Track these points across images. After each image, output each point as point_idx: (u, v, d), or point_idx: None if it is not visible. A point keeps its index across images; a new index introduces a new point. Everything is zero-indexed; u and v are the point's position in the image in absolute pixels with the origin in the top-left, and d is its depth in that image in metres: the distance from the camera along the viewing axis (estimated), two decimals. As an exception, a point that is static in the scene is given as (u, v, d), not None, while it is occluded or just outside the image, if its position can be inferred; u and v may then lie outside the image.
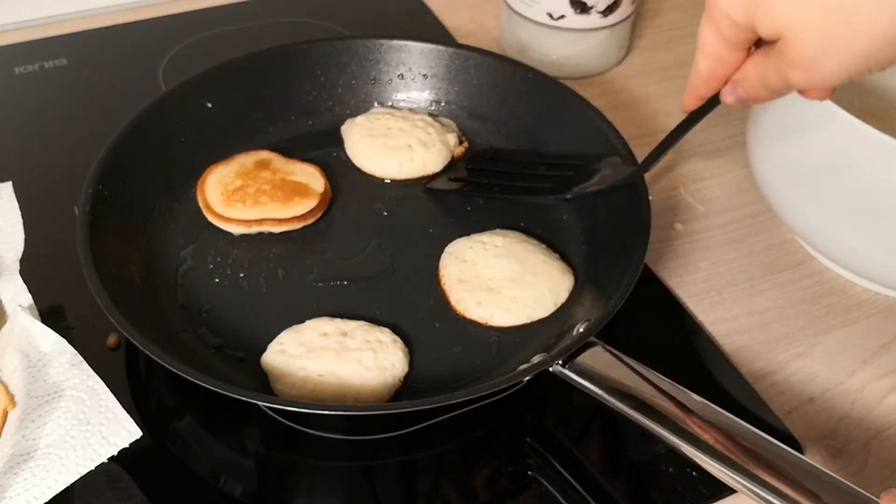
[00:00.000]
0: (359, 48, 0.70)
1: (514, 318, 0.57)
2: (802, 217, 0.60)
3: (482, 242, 0.60)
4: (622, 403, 0.47)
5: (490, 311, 0.57)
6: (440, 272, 0.59)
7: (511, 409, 0.54)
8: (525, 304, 0.57)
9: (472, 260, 0.59)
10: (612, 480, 0.51)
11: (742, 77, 0.46)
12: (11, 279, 0.54)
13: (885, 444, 0.54)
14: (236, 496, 0.50)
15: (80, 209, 0.55)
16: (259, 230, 0.61)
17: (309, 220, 0.62)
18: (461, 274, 0.58)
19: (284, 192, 0.62)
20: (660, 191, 0.70)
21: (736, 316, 0.61)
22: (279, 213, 0.61)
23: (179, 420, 0.53)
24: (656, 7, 0.90)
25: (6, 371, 0.49)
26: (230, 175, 0.63)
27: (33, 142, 0.71)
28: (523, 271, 0.58)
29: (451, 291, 0.58)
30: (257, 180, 0.63)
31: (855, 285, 0.63)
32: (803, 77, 0.42)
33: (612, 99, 0.78)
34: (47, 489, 0.44)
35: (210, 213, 0.61)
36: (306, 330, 0.54)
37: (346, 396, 0.51)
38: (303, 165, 0.65)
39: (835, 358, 0.58)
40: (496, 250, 0.59)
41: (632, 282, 0.52)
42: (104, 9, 0.86)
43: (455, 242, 0.61)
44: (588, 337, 0.49)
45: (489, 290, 0.57)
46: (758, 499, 0.42)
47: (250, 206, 0.61)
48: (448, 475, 0.52)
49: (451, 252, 0.60)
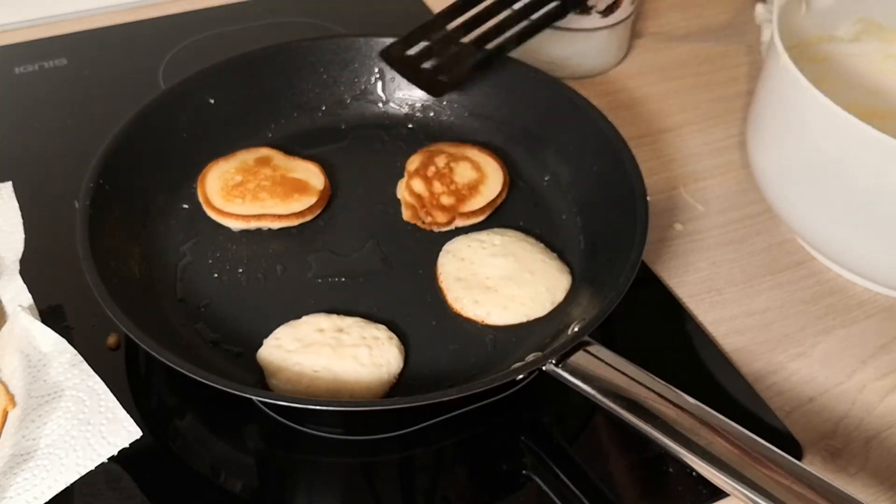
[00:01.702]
0: (361, 46, 0.70)
1: (511, 316, 0.57)
2: (802, 217, 0.60)
3: (480, 241, 0.60)
4: (615, 404, 0.47)
5: (487, 310, 0.57)
6: (438, 270, 0.59)
7: (507, 408, 0.54)
8: (522, 302, 0.57)
9: (469, 258, 0.59)
10: (608, 480, 0.51)
11: None
12: (11, 279, 0.54)
13: (885, 445, 0.54)
14: (236, 495, 0.50)
15: (80, 203, 0.55)
16: (258, 226, 0.61)
17: (307, 217, 0.62)
18: (458, 272, 0.58)
19: (284, 188, 0.63)
20: (660, 191, 0.70)
21: (736, 316, 0.61)
22: (278, 210, 0.62)
23: (179, 419, 0.54)
24: (656, 7, 0.90)
25: (6, 371, 0.49)
26: (231, 171, 0.63)
27: (33, 142, 0.71)
28: (521, 270, 0.58)
29: (449, 289, 0.58)
30: (258, 176, 0.63)
31: (855, 285, 0.63)
32: None
33: (612, 99, 0.78)
34: (47, 489, 0.44)
35: (210, 207, 0.62)
36: (303, 325, 0.54)
37: (340, 392, 0.51)
38: (304, 163, 0.65)
39: (835, 358, 0.58)
40: (494, 249, 0.59)
41: (627, 281, 0.52)
42: (104, 9, 0.86)
43: (453, 241, 0.61)
44: (582, 336, 0.49)
45: (486, 288, 0.57)
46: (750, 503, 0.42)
47: (249, 202, 0.62)
48: (444, 474, 0.52)
49: (449, 250, 0.60)
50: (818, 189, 0.57)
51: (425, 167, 0.65)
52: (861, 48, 0.70)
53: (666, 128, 0.76)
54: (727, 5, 0.90)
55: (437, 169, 0.64)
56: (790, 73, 0.56)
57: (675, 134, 0.75)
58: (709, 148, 0.74)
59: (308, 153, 0.67)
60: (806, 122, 0.57)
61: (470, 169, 0.65)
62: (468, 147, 0.67)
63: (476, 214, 0.63)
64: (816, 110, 0.55)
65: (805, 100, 0.55)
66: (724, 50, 0.85)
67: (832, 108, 0.53)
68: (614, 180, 0.60)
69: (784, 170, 0.60)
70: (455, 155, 0.66)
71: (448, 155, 0.66)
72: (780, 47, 0.58)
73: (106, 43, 0.82)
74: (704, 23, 0.88)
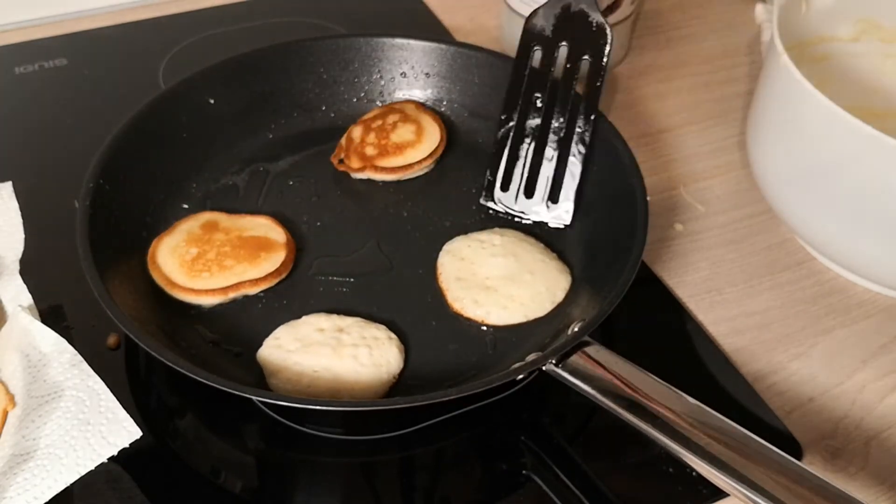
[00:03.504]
0: (362, 46, 0.70)
1: (511, 316, 0.57)
2: (802, 217, 0.60)
3: (480, 241, 0.60)
4: (615, 404, 0.47)
5: (486, 310, 0.57)
6: (438, 270, 0.59)
7: (507, 408, 0.54)
8: (522, 302, 0.57)
9: (469, 258, 0.59)
10: (608, 480, 0.51)
11: None
12: (11, 279, 0.54)
13: (884, 445, 0.54)
14: (236, 495, 0.50)
15: (80, 203, 0.55)
16: (235, 296, 0.57)
17: (283, 274, 0.58)
18: (458, 272, 0.58)
19: (247, 249, 0.58)
20: (660, 191, 0.70)
21: (736, 316, 0.61)
22: (252, 274, 0.57)
23: (179, 419, 0.54)
24: (656, 7, 0.90)
25: (6, 371, 0.49)
26: (181, 244, 0.58)
27: (33, 142, 0.71)
28: (521, 270, 0.58)
29: (448, 289, 0.58)
30: (213, 244, 0.58)
31: (855, 285, 0.63)
32: None
33: (612, 99, 0.78)
34: (47, 489, 0.44)
35: (174, 288, 0.56)
36: (303, 325, 0.54)
37: (340, 392, 0.51)
38: (253, 218, 0.61)
39: (835, 358, 0.58)
40: (494, 249, 0.59)
41: (627, 281, 0.52)
42: (104, 9, 0.86)
43: (453, 241, 0.61)
44: (582, 336, 0.49)
45: (486, 288, 0.57)
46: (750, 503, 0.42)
47: (218, 273, 0.57)
48: (444, 474, 0.52)
49: (449, 250, 0.60)
50: (818, 189, 0.57)
51: (374, 119, 0.67)
52: (861, 48, 0.70)
53: (666, 128, 0.76)
54: (727, 5, 0.90)
55: (382, 123, 0.67)
56: (790, 73, 0.56)
57: (675, 134, 0.75)
58: (709, 148, 0.74)
59: (308, 153, 0.67)
60: (806, 122, 0.57)
61: (412, 132, 0.66)
62: (427, 114, 0.68)
63: (388, 171, 0.65)
64: (816, 110, 0.55)
65: (805, 100, 0.55)
66: (724, 50, 0.85)
67: (832, 108, 0.53)
68: (614, 180, 0.60)
69: (784, 170, 0.60)
70: (409, 117, 0.67)
71: (403, 115, 0.67)
72: (780, 47, 0.58)
73: (106, 43, 0.82)
74: (704, 23, 0.89)
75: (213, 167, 0.66)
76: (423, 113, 0.68)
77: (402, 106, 0.69)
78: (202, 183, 0.65)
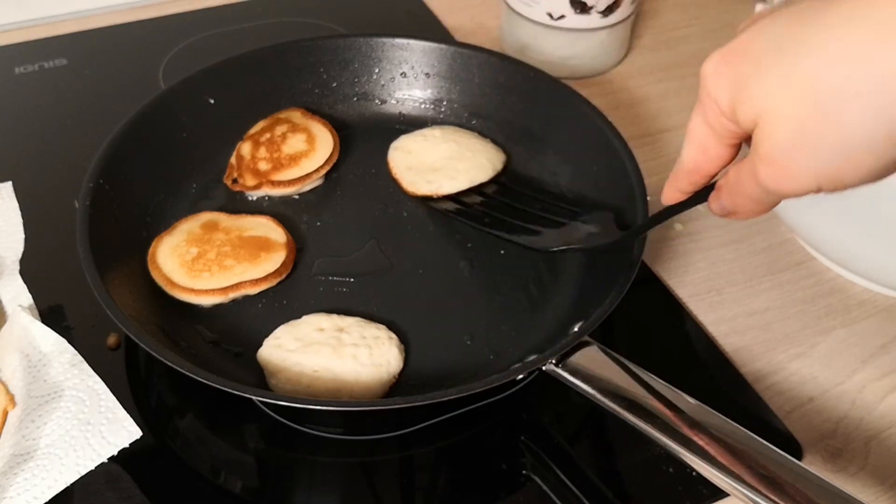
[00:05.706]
0: (361, 46, 0.71)
1: (458, 184, 0.64)
2: (802, 217, 0.60)
3: (423, 136, 0.68)
4: (615, 404, 0.47)
5: (438, 184, 0.64)
6: (389, 164, 0.66)
7: (507, 408, 0.54)
8: (466, 171, 0.64)
9: (416, 150, 0.67)
10: (608, 480, 0.51)
11: (725, 181, 0.44)
12: (11, 279, 0.54)
13: (884, 445, 0.54)
14: (236, 495, 0.50)
15: (80, 203, 0.55)
16: (235, 296, 0.57)
17: (283, 274, 0.58)
18: (408, 163, 0.66)
19: (247, 249, 0.58)
20: (660, 191, 0.69)
21: (736, 316, 0.61)
22: (251, 274, 0.57)
23: (179, 419, 0.54)
24: (656, 7, 0.90)
25: (6, 371, 0.49)
26: (181, 244, 0.58)
27: (33, 142, 0.71)
28: (461, 150, 0.66)
29: (402, 178, 0.65)
30: (213, 244, 0.58)
31: (855, 285, 0.63)
32: (771, 174, 0.38)
33: (612, 99, 0.78)
34: (47, 489, 0.44)
35: (174, 288, 0.56)
36: (303, 325, 0.54)
37: (340, 392, 0.51)
38: (253, 218, 0.61)
39: (835, 358, 0.58)
40: (435, 139, 0.67)
41: (627, 281, 0.52)
42: (104, 9, 0.86)
43: (399, 139, 0.68)
44: (582, 336, 0.49)
45: (435, 169, 0.65)
46: (750, 502, 0.42)
47: (218, 273, 0.56)
48: (444, 474, 0.52)
49: (397, 147, 0.67)
50: (818, 189, 0.57)
51: (262, 133, 0.66)
52: (861, 48, 0.70)
53: (666, 128, 0.76)
54: (727, 5, 0.90)
55: (271, 136, 0.66)
56: (790, 73, 0.56)
57: (675, 134, 0.75)
58: (709, 148, 0.74)
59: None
60: (806, 122, 0.56)
61: (303, 141, 0.66)
62: (316, 120, 0.67)
63: (286, 185, 0.64)
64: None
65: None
66: (724, 50, 0.85)
67: (832, 108, 0.53)
68: (614, 180, 0.60)
69: (784, 170, 0.60)
70: (298, 126, 0.67)
71: (291, 125, 0.67)
72: (780, 47, 0.58)
73: (106, 43, 0.82)
74: (704, 23, 0.89)
75: (213, 167, 0.66)
76: (311, 119, 0.67)
77: (287, 115, 0.67)
78: (202, 183, 0.65)
